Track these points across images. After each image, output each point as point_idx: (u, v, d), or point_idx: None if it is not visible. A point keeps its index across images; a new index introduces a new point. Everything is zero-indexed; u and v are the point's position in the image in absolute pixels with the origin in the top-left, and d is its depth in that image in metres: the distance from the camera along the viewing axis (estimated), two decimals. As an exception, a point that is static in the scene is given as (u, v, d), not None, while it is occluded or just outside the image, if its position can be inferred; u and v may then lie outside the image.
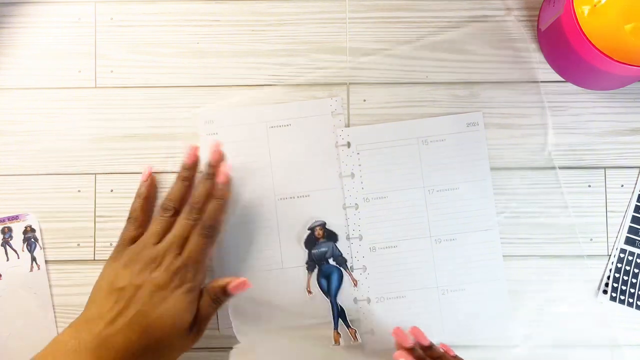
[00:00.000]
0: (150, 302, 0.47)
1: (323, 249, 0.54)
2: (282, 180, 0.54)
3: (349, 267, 0.54)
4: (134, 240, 0.51)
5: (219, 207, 0.51)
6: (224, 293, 0.49)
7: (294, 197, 0.54)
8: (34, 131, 0.55)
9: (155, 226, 0.51)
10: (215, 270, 0.54)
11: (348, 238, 0.54)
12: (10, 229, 0.55)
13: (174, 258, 0.49)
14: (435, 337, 0.53)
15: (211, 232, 0.50)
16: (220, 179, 0.52)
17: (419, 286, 0.54)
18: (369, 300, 0.54)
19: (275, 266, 0.54)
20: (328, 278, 0.54)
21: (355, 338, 0.53)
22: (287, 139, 0.55)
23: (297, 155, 0.55)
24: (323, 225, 0.54)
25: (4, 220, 0.55)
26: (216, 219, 0.51)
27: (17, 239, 0.55)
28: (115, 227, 0.55)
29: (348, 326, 0.54)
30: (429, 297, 0.54)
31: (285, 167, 0.55)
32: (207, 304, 0.49)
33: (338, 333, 0.54)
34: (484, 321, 0.54)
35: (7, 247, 0.54)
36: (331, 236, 0.54)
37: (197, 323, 0.49)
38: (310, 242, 0.54)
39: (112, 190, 0.55)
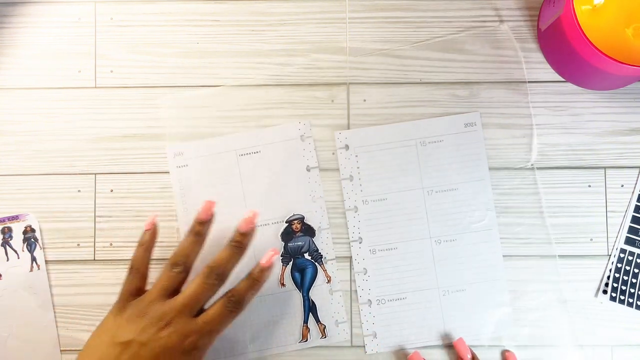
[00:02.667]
0: None
1: (299, 243, 0.54)
2: (255, 207, 0.54)
3: (324, 263, 0.54)
4: (137, 292, 0.48)
5: (253, 287, 0.48)
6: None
7: (267, 224, 0.54)
8: (34, 131, 0.56)
9: (162, 281, 0.48)
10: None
11: (322, 231, 0.54)
12: (10, 229, 0.55)
13: (187, 321, 0.46)
14: (437, 338, 0.54)
15: (237, 308, 0.47)
16: (265, 261, 0.49)
17: (419, 287, 0.54)
18: (370, 303, 0.54)
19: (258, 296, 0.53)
20: (302, 272, 0.54)
21: (323, 334, 0.54)
22: (258, 165, 0.55)
23: (269, 181, 0.55)
24: (302, 219, 0.54)
25: (4, 220, 0.55)
26: (245, 296, 0.48)
27: (17, 239, 0.55)
28: (115, 227, 0.55)
29: (318, 321, 0.54)
30: (430, 298, 0.54)
31: (257, 194, 0.55)
32: None
33: (307, 327, 0.54)
34: (485, 321, 0.54)
35: (7, 247, 0.54)
36: (308, 231, 0.54)
37: None
38: (287, 235, 0.54)
39: (112, 190, 0.55)
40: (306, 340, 0.54)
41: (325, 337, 0.54)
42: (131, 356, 0.44)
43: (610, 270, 0.54)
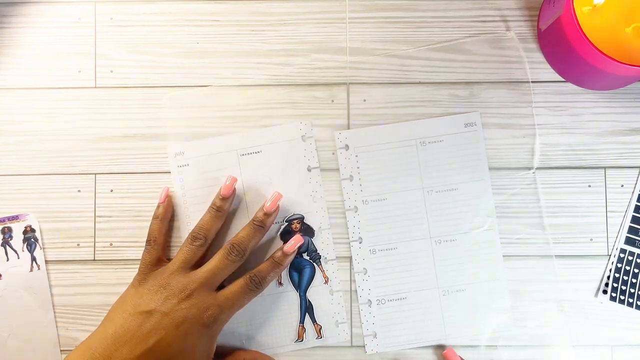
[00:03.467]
0: (174, 333, 0.46)
1: None
2: (256, 207, 0.54)
3: (322, 264, 0.54)
4: (155, 263, 0.50)
5: (275, 270, 0.50)
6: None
7: None
8: (34, 131, 0.56)
9: (183, 254, 0.49)
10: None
11: (322, 230, 0.54)
12: (10, 229, 0.55)
13: (207, 295, 0.47)
14: (437, 338, 0.54)
15: (257, 287, 0.49)
16: (289, 247, 0.51)
17: (419, 287, 0.54)
18: (370, 303, 0.54)
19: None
20: (300, 272, 0.54)
21: (319, 334, 0.54)
22: (259, 165, 0.55)
23: (270, 181, 0.55)
24: (301, 219, 0.54)
25: (4, 220, 0.55)
26: (266, 278, 0.50)
27: (17, 239, 0.55)
28: (115, 227, 0.55)
29: (314, 321, 0.54)
30: (430, 298, 0.54)
31: (258, 194, 0.55)
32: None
33: (303, 327, 0.54)
34: (484, 321, 0.54)
35: (7, 247, 0.54)
36: (308, 231, 0.54)
37: None
38: (287, 234, 0.54)
39: (112, 190, 0.55)
40: (302, 340, 0.54)
41: (321, 337, 0.54)
42: (153, 325, 0.45)
43: (610, 270, 0.54)
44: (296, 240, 0.52)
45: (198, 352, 0.46)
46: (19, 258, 0.54)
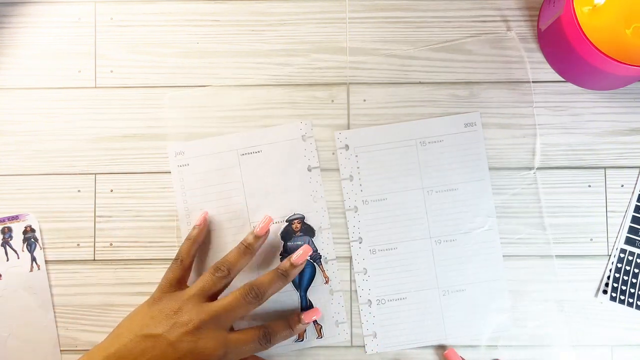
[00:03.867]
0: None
1: (299, 243, 0.54)
2: (256, 207, 0.54)
3: (322, 263, 0.54)
4: (177, 282, 0.50)
5: (276, 281, 0.50)
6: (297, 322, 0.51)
7: None
8: (34, 131, 0.55)
9: (202, 282, 0.49)
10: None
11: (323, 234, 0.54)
12: (10, 229, 0.55)
13: (215, 332, 0.47)
14: (437, 338, 0.54)
15: (255, 299, 0.48)
16: (297, 258, 0.51)
17: (419, 287, 0.54)
18: (370, 303, 0.54)
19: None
20: (300, 272, 0.54)
21: (320, 334, 0.54)
22: (259, 165, 0.55)
23: (270, 180, 0.55)
24: (302, 218, 0.54)
25: (4, 220, 0.55)
26: (266, 289, 0.49)
27: (17, 239, 0.55)
28: (115, 227, 0.55)
29: (315, 321, 0.54)
30: (430, 298, 0.54)
31: (258, 194, 0.55)
32: None
33: None
34: (484, 321, 0.54)
35: (7, 247, 0.54)
36: (308, 231, 0.54)
37: None
38: (287, 234, 0.54)
39: (112, 190, 0.55)
40: (302, 340, 0.54)
41: (322, 337, 0.54)
42: (156, 354, 0.45)
43: (610, 270, 0.54)
44: (305, 251, 0.51)
45: None
46: (19, 258, 0.54)
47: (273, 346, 0.50)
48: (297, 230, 0.54)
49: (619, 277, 0.54)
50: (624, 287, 0.54)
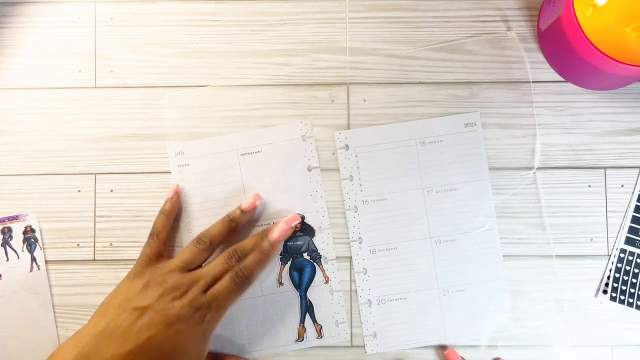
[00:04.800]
0: (166, 331, 0.45)
1: (299, 242, 0.54)
2: (255, 206, 0.54)
3: (323, 263, 0.54)
4: (155, 257, 0.50)
5: (260, 261, 0.50)
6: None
7: (269, 223, 0.54)
8: (34, 131, 0.56)
9: (184, 255, 0.49)
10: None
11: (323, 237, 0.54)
12: (10, 229, 0.55)
13: (200, 294, 0.47)
14: (437, 338, 0.54)
15: (243, 281, 0.48)
16: (274, 235, 0.51)
17: (419, 287, 0.54)
18: (370, 303, 0.54)
19: (256, 294, 0.54)
20: (300, 272, 0.54)
21: (320, 334, 0.54)
22: (259, 165, 0.55)
23: (270, 180, 0.55)
24: (302, 218, 0.54)
25: (4, 220, 0.55)
26: (253, 270, 0.49)
27: (17, 239, 0.55)
28: (115, 227, 0.55)
29: (314, 321, 0.54)
30: (430, 298, 0.54)
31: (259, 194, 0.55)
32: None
33: (304, 327, 0.54)
34: (485, 321, 0.54)
35: (7, 247, 0.54)
36: (308, 230, 0.54)
37: None
38: None
39: (112, 190, 0.55)
40: (302, 340, 0.54)
41: (322, 337, 0.54)
42: (146, 322, 0.45)
43: (610, 270, 0.54)
44: (285, 225, 0.51)
45: (189, 353, 0.46)
46: (19, 258, 0.54)
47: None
48: (297, 230, 0.54)
49: (619, 277, 0.54)
50: (624, 287, 0.54)
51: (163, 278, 0.48)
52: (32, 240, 0.55)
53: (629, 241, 0.54)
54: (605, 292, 0.54)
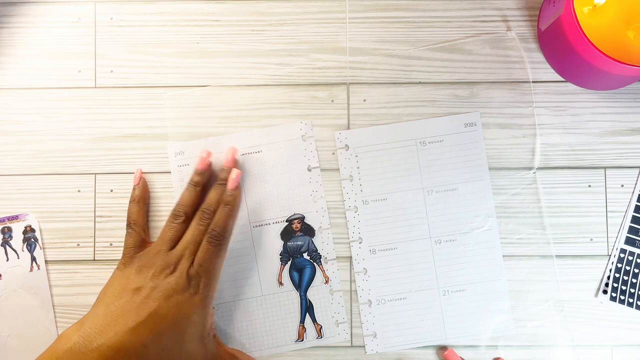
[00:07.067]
0: (166, 304, 0.46)
1: (299, 242, 0.54)
2: (256, 206, 0.54)
3: (322, 263, 0.54)
4: (139, 245, 0.51)
5: (227, 214, 0.50)
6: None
7: (268, 223, 0.54)
8: (34, 131, 0.55)
9: (166, 233, 0.50)
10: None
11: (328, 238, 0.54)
12: (10, 229, 0.55)
13: (189, 265, 0.48)
14: (437, 338, 0.54)
15: (219, 239, 0.49)
16: (229, 185, 0.51)
17: (419, 287, 0.54)
18: (370, 303, 0.54)
19: (256, 294, 0.54)
20: (300, 272, 0.54)
21: (320, 334, 0.54)
22: (259, 165, 0.55)
23: (270, 180, 0.55)
24: (302, 218, 0.54)
25: (4, 220, 0.55)
26: (224, 226, 0.50)
27: (17, 239, 0.55)
28: (115, 227, 0.55)
29: (314, 321, 0.54)
30: (430, 298, 0.54)
31: (258, 194, 0.55)
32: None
33: (303, 327, 0.54)
34: (485, 321, 0.54)
35: (7, 247, 0.54)
36: (308, 230, 0.54)
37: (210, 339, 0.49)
38: (287, 234, 0.54)
39: (112, 190, 0.55)
40: (302, 340, 0.54)
41: (322, 337, 0.54)
42: (144, 298, 0.46)
43: (610, 270, 0.54)
44: (238, 172, 0.52)
45: (193, 323, 0.47)
46: (19, 258, 0.54)
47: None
48: (297, 230, 0.54)
49: (619, 277, 0.54)
50: (624, 287, 0.54)
51: (152, 261, 0.48)
52: (32, 240, 0.55)
53: (629, 241, 0.54)
54: (605, 292, 0.54)
